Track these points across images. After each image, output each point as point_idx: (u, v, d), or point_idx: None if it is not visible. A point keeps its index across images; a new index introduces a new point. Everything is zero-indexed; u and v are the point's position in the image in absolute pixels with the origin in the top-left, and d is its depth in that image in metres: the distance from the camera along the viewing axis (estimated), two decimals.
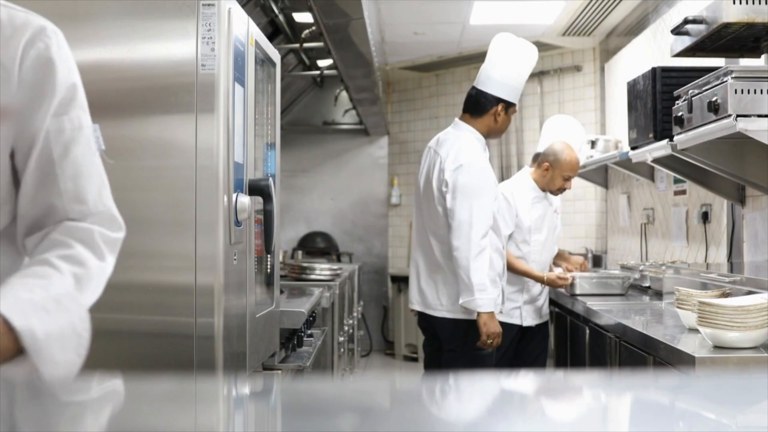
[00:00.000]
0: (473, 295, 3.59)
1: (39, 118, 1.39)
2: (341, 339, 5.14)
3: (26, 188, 1.40)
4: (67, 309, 1.35)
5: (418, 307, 3.86)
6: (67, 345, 1.34)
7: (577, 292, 4.31)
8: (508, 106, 3.83)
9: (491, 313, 3.63)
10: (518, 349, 4.39)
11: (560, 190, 4.47)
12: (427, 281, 3.80)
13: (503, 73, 3.82)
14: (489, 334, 3.62)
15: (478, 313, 3.61)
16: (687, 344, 2.56)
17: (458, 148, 3.76)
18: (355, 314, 6.32)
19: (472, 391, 1.01)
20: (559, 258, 4.83)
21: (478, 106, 3.82)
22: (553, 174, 4.41)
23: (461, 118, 3.89)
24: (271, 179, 2.49)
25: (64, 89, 1.43)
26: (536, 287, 4.40)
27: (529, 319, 4.35)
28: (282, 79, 3.18)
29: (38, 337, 1.27)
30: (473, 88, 3.87)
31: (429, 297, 3.79)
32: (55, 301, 1.33)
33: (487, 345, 3.65)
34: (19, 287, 1.31)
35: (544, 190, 4.47)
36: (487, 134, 3.86)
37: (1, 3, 1.42)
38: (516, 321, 4.32)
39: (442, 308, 3.75)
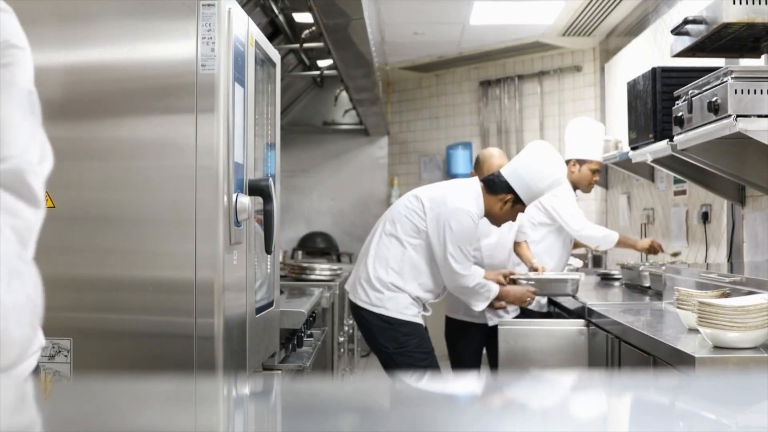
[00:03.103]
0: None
1: None
2: (341, 339, 5.14)
3: None
4: (18, 274, 1.14)
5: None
6: (23, 319, 1.13)
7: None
8: (517, 202, 3.93)
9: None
10: (488, 348, 4.50)
11: None
12: None
13: (529, 173, 3.91)
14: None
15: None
16: (687, 344, 2.56)
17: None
18: None
19: (472, 391, 1.01)
20: (625, 245, 5.04)
21: (494, 185, 3.93)
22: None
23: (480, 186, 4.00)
24: (271, 179, 2.50)
25: None
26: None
27: (495, 319, 4.36)
28: (282, 79, 3.18)
29: None
30: (499, 173, 3.97)
31: None
32: (5, 266, 1.12)
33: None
34: None
35: None
36: (488, 212, 3.96)
37: None
38: (482, 320, 4.41)
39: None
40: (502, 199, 3.91)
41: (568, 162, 5.09)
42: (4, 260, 1.12)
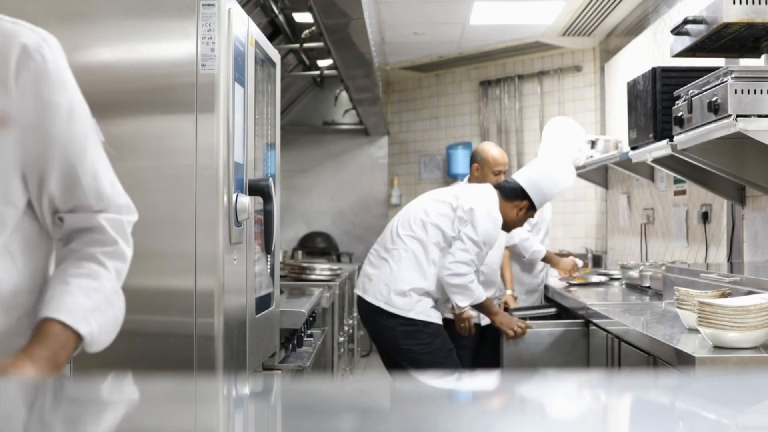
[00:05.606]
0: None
1: (52, 131, 1.45)
2: (341, 339, 5.14)
3: (52, 191, 1.48)
4: (113, 304, 1.54)
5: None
6: (111, 333, 1.54)
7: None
8: (531, 209, 4.07)
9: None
10: (477, 348, 4.49)
11: None
12: None
13: (545, 181, 4.05)
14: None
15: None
16: (687, 344, 2.56)
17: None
18: (355, 314, 6.32)
19: (472, 391, 1.01)
20: (549, 261, 4.95)
21: (510, 192, 4.05)
22: (483, 172, 4.61)
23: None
24: (271, 179, 2.50)
25: (68, 99, 1.47)
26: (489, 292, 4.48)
27: (487, 319, 4.36)
28: (282, 79, 3.18)
29: (95, 335, 1.46)
30: (515, 181, 4.10)
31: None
32: (106, 300, 1.52)
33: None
34: (77, 292, 1.46)
35: None
36: (504, 219, 4.05)
37: None
38: (475, 320, 4.41)
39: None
40: (518, 206, 4.03)
41: None
42: (106, 296, 1.52)
